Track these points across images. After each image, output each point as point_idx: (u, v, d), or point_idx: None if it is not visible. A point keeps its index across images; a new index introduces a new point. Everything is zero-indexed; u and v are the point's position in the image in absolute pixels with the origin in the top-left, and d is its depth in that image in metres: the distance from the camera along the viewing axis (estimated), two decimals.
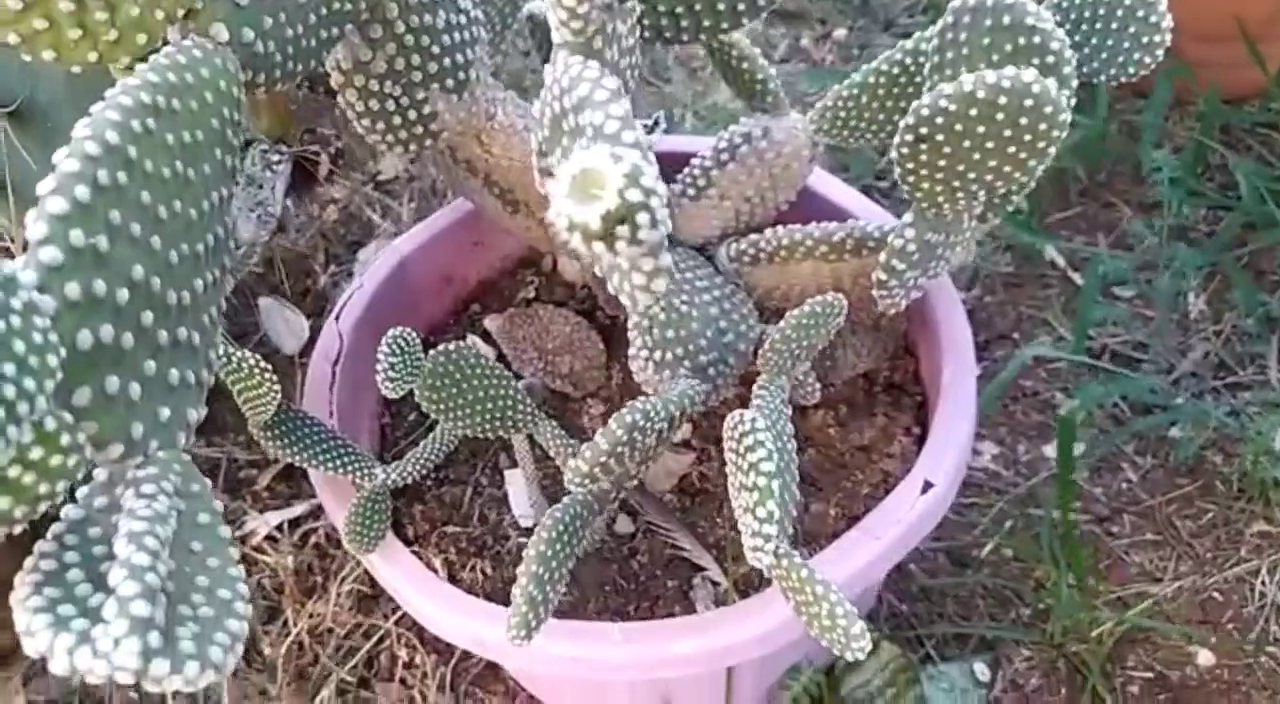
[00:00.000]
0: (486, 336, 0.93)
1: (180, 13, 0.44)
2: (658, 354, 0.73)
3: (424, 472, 0.76)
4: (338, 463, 0.73)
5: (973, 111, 0.50)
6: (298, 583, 1.10)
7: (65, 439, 0.35)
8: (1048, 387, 1.17)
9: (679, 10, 0.58)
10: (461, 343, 0.68)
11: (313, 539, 1.12)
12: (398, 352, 0.63)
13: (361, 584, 1.07)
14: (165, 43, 0.45)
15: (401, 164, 1.30)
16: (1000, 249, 1.28)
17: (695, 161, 0.78)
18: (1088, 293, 1.15)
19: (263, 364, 0.66)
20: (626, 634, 0.69)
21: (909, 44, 0.72)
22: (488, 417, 0.69)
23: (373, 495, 0.73)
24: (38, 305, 0.33)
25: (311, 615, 1.07)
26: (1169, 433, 1.12)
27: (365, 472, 0.73)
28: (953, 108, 0.50)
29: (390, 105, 0.66)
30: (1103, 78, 0.72)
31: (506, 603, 0.79)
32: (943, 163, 0.52)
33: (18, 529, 0.37)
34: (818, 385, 0.79)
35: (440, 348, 0.67)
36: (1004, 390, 1.13)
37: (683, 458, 0.85)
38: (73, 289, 0.35)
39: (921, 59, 0.71)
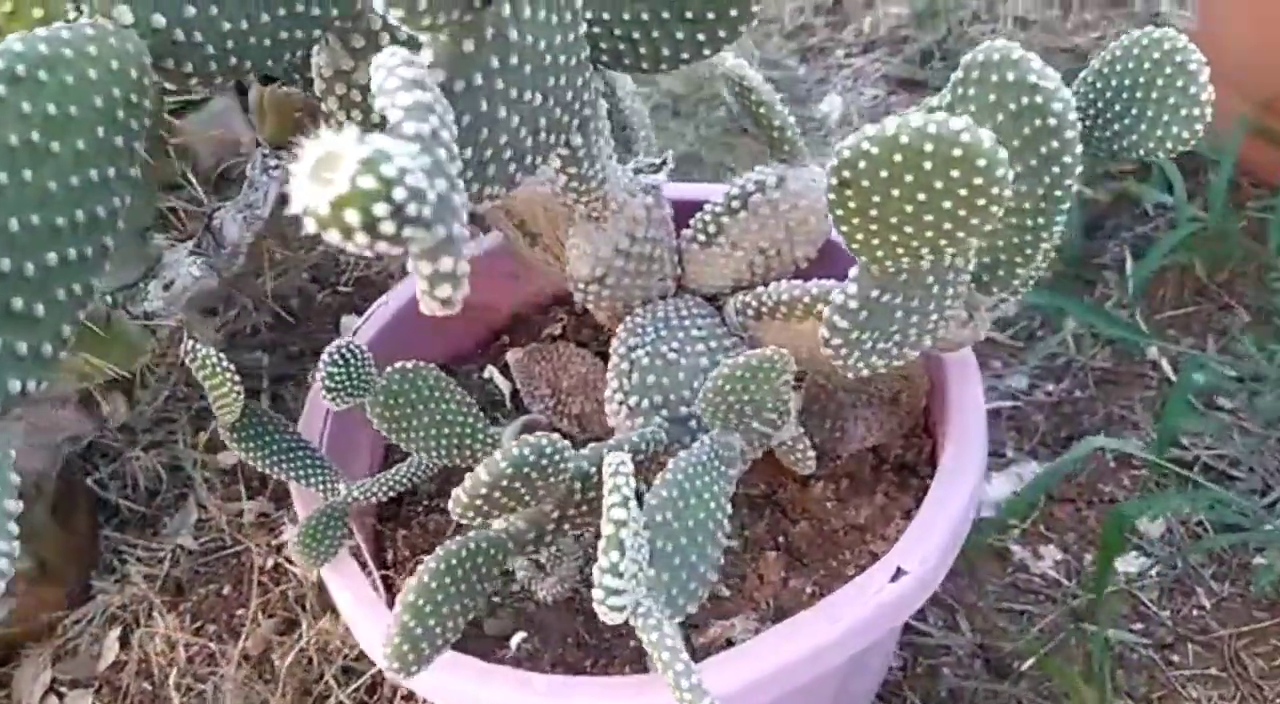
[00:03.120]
0: (507, 369, 0.91)
1: None
2: (633, 400, 0.70)
3: (391, 493, 0.75)
4: (301, 472, 0.72)
5: (897, 157, 0.45)
6: (318, 598, 1.10)
7: None
8: (1127, 495, 1.08)
9: (636, 36, 0.55)
10: (421, 363, 0.66)
11: None
12: (340, 363, 0.62)
13: None
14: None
15: None
16: (1100, 343, 1.20)
17: (707, 207, 0.75)
18: (1178, 395, 1.06)
19: (225, 363, 0.66)
20: (552, 686, 0.65)
21: (932, 101, 0.68)
22: (443, 442, 0.68)
23: (330, 510, 0.71)
24: None
25: (322, 632, 1.07)
26: (1253, 560, 1.01)
27: (329, 485, 0.73)
28: (875, 151, 0.45)
29: (375, 118, 0.65)
30: (1141, 152, 0.66)
31: (462, 638, 0.77)
32: (874, 213, 0.48)
33: None
34: (812, 453, 0.75)
35: (396, 366, 0.66)
36: (1056, 479, 1.05)
37: None
38: None
39: None
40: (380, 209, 0.30)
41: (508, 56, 0.45)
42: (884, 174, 0.46)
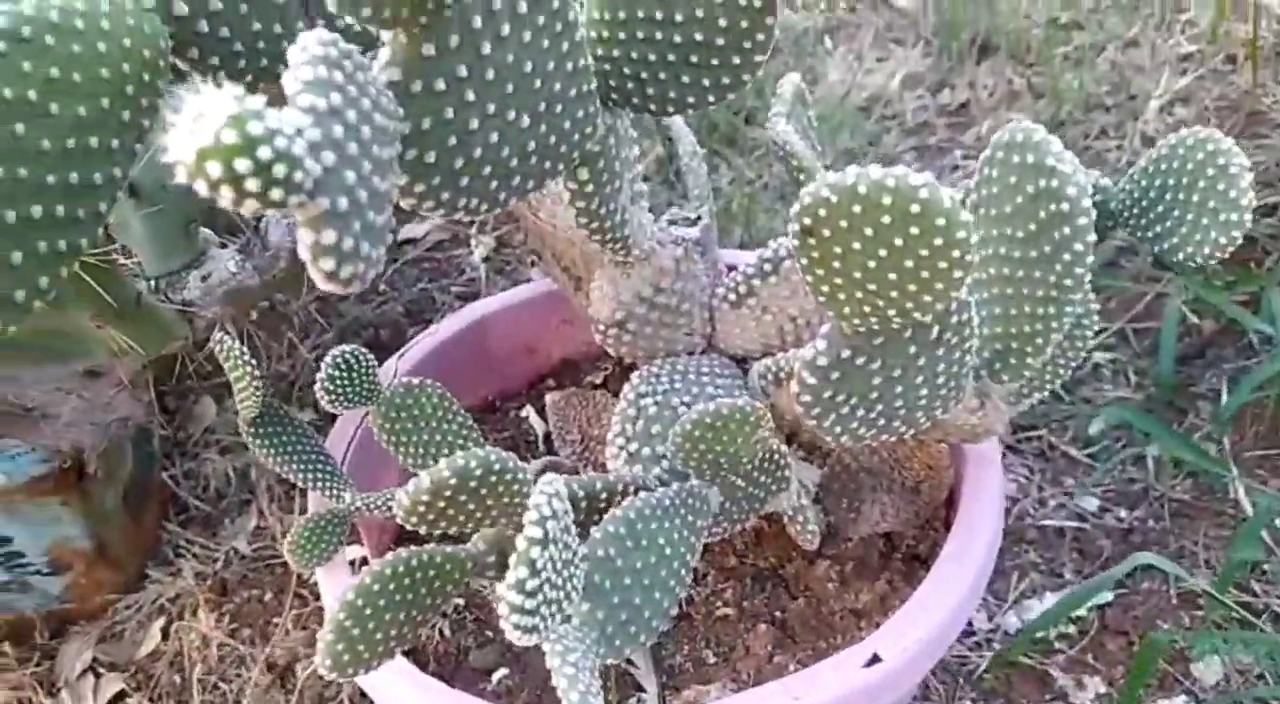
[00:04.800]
0: (545, 411, 0.92)
1: None
2: (633, 446, 0.70)
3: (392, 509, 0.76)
4: (310, 476, 0.74)
5: (856, 208, 0.45)
6: None
7: None
8: (1189, 634, 1.02)
9: (644, 76, 0.56)
10: (427, 381, 0.68)
11: None
12: (343, 368, 0.64)
13: None
14: None
15: None
16: (1182, 473, 1.14)
17: (740, 268, 0.75)
18: (1250, 531, 0.99)
19: (246, 357, 0.68)
20: None
21: (970, 183, 0.67)
22: (439, 462, 0.68)
23: (330, 516, 0.73)
24: None
25: None
26: None
27: (335, 492, 0.74)
28: (834, 199, 0.45)
29: None
30: (1180, 257, 0.64)
31: (445, 667, 0.77)
32: (837, 264, 0.47)
33: None
34: (814, 528, 0.73)
35: (404, 380, 0.68)
36: (1087, 598, 0.99)
37: None
38: None
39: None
40: (242, 165, 0.31)
41: (481, 69, 0.46)
42: (844, 224, 0.45)
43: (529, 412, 0.93)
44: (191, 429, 1.28)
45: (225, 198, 0.32)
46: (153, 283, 0.68)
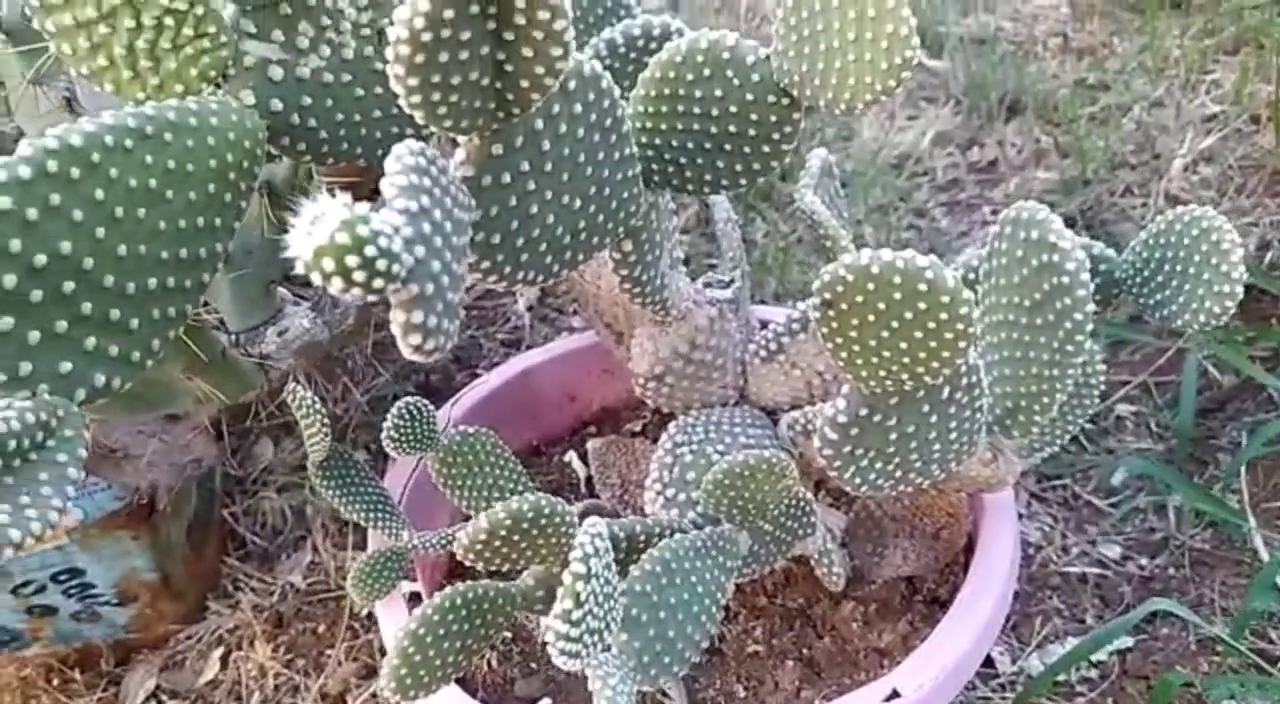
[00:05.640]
0: (587, 456, 0.98)
1: (215, 74, 0.55)
2: (670, 492, 0.76)
3: (446, 548, 0.82)
4: (372, 515, 0.80)
5: (870, 286, 0.51)
6: None
7: None
8: (1206, 679, 1.05)
9: (682, 161, 0.63)
10: (481, 429, 0.74)
11: None
12: (407, 418, 0.70)
13: None
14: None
15: None
16: (1203, 523, 1.18)
17: (771, 326, 0.81)
18: (1264, 579, 1.03)
19: (317, 405, 0.75)
20: None
21: (983, 252, 0.72)
22: (491, 504, 0.74)
23: (391, 553, 0.79)
24: None
25: None
26: None
27: (394, 531, 0.80)
28: (850, 278, 0.51)
29: None
30: (1178, 323, 0.69)
31: (492, 695, 0.83)
32: (854, 334, 0.53)
33: None
34: (839, 571, 0.78)
35: (461, 429, 0.74)
36: (1104, 642, 1.03)
37: None
38: None
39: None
40: (352, 260, 0.38)
41: (540, 163, 0.53)
42: (860, 299, 0.51)
43: (571, 457, 0.99)
44: (250, 468, 1.34)
45: (336, 286, 0.39)
46: (235, 337, 0.75)
